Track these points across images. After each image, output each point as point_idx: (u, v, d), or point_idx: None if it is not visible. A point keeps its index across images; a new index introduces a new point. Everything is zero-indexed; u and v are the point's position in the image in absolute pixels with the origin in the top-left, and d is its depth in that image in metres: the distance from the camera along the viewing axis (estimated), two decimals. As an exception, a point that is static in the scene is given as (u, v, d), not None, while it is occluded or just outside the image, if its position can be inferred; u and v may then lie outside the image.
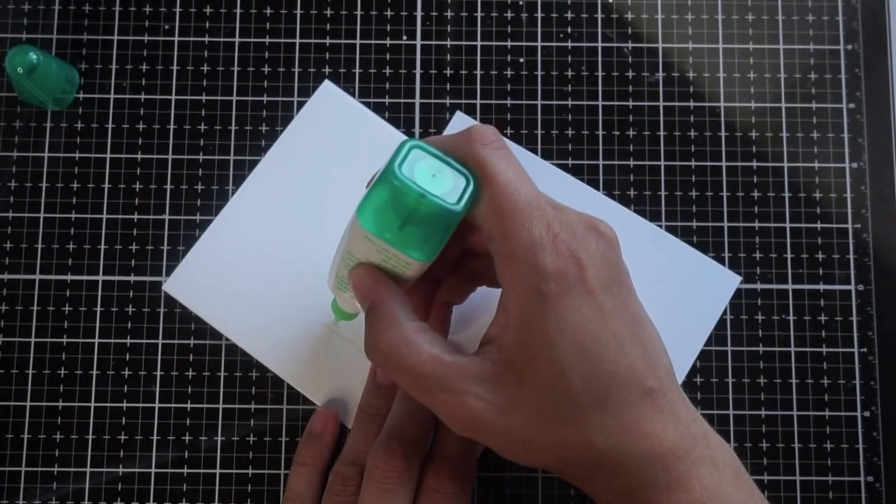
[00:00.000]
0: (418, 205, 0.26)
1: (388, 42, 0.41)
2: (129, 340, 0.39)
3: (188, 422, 0.38)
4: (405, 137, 0.40)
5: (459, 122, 0.40)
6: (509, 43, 0.41)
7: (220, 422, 0.38)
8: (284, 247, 0.39)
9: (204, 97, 0.41)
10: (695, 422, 0.29)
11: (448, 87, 0.41)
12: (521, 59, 0.41)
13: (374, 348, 0.29)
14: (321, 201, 0.39)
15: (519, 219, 0.27)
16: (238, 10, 0.41)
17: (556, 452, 0.28)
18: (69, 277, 0.39)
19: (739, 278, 0.39)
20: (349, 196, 0.39)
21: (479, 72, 0.41)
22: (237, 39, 0.41)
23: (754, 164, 0.41)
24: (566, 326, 0.27)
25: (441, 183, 0.27)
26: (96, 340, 0.39)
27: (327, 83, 0.41)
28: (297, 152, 0.40)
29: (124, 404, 0.38)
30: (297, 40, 0.41)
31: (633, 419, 0.27)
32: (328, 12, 0.41)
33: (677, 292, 0.39)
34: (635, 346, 0.28)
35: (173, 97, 0.41)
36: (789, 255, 0.40)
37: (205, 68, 0.41)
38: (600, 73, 0.41)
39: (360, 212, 0.27)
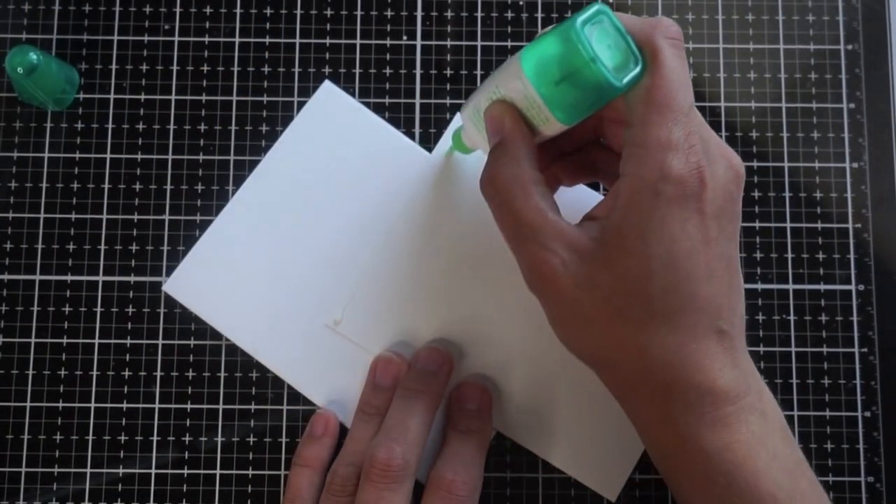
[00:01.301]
0: (584, 68, 0.26)
1: (388, 42, 0.41)
2: (129, 341, 0.39)
3: (188, 422, 0.38)
4: (405, 138, 0.40)
5: (459, 123, 0.40)
6: (509, 43, 0.41)
7: (220, 422, 0.38)
8: (284, 247, 0.39)
9: (204, 97, 0.41)
10: (753, 374, 0.29)
11: (448, 87, 0.41)
12: (522, 59, 0.41)
13: (489, 181, 0.30)
14: (321, 201, 0.39)
15: (666, 115, 0.27)
16: (238, 10, 0.41)
17: (610, 347, 0.29)
18: (69, 278, 0.39)
19: None
20: (349, 196, 0.40)
21: (479, 72, 0.41)
22: (237, 39, 0.41)
23: (754, 163, 0.41)
24: (667, 232, 0.27)
25: (613, 55, 0.27)
26: (96, 341, 0.39)
27: (327, 83, 0.41)
28: (297, 153, 0.40)
29: (124, 405, 0.38)
30: (297, 40, 0.41)
31: (695, 348, 0.27)
32: (328, 12, 0.41)
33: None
34: (722, 283, 0.28)
35: (173, 97, 0.41)
36: (790, 255, 0.40)
37: (205, 68, 0.41)
38: (600, 73, 0.41)
39: (525, 55, 0.28)
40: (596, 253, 0.28)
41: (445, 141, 0.40)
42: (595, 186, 0.39)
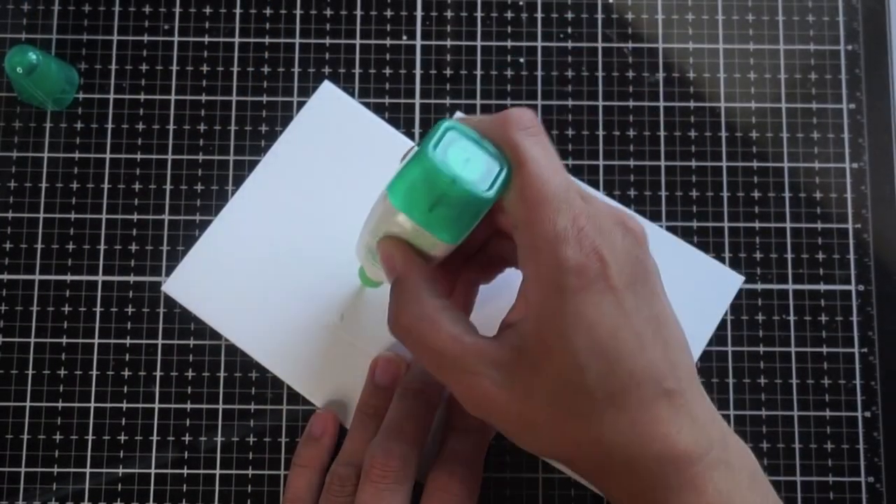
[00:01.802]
0: (449, 189, 0.26)
1: (388, 42, 0.41)
2: (128, 341, 0.39)
3: (188, 422, 0.38)
4: (405, 138, 0.40)
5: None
6: (509, 43, 0.41)
7: (219, 422, 0.38)
8: (284, 247, 0.39)
9: (204, 97, 0.41)
10: (713, 423, 0.28)
11: (448, 87, 0.41)
12: (521, 59, 0.41)
13: (396, 323, 0.29)
14: (321, 202, 0.39)
15: (545, 210, 0.27)
16: (238, 10, 0.41)
17: (566, 444, 0.28)
18: (69, 278, 0.39)
19: (742, 278, 0.39)
20: (349, 196, 0.40)
21: (479, 72, 0.41)
22: (237, 39, 0.41)
23: (754, 164, 0.41)
24: (584, 322, 0.26)
25: (474, 167, 0.27)
26: (96, 341, 0.39)
27: (327, 83, 0.41)
28: (297, 153, 0.40)
29: (124, 405, 0.38)
30: (297, 40, 0.41)
31: (648, 419, 0.27)
32: (328, 12, 0.41)
33: (680, 292, 0.39)
34: (656, 345, 0.27)
35: (173, 97, 0.41)
36: (789, 255, 0.40)
37: (205, 68, 0.41)
38: (600, 74, 0.41)
39: (392, 189, 0.27)
40: (522, 363, 0.27)
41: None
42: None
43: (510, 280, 0.34)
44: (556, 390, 0.27)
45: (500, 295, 0.36)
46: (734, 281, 0.39)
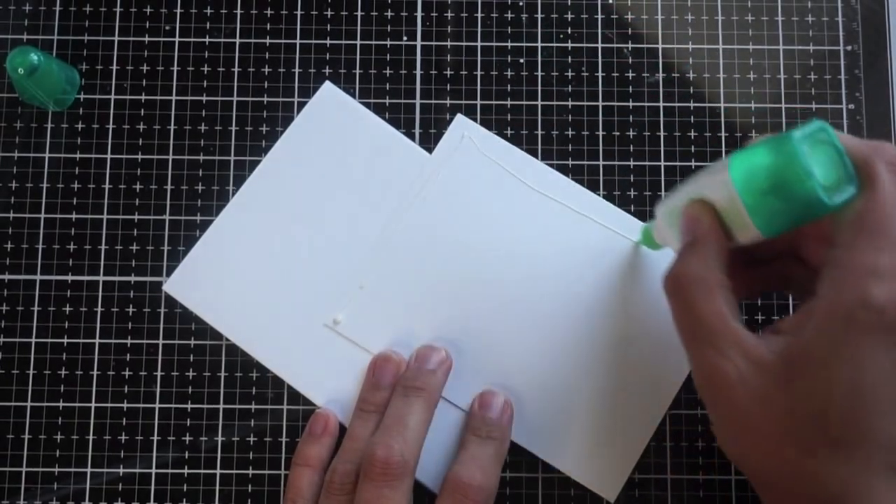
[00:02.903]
0: (797, 182, 0.26)
1: (388, 42, 0.41)
2: (129, 341, 0.39)
3: (188, 422, 0.38)
4: (405, 139, 0.40)
5: (459, 125, 0.40)
6: (509, 43, 0.41)
7: (220, 422, 0.38)
8: (284, 247, 0.39)
9: (204, 97, 0.41)
10: None
11: (448, 87, 0.41)
12: (521, 60, 0.41)
13: (674, 278, 0.29)
14: (321, 202, 0.40)
15: (876, 240, 0.26)
16: (238, 11, 0.41)
17: (775, 464, 0.28)
18: (69, 278, 0.39)
19: None
20: (349, 197, 0.40)
21: (479, 72, 0.41)
22: (237, 40, 0.41)
23: (754, 164, 0.41)
24: (857, 361, 0.26)
25: (826, 173, 0.27)
26: (97, 341, 0.39)
27: (328, 84, 0.41)
28: (297, 153, 0.40)
29: (125, 405, 0.38)
30: (297, 41, 0.41)
31: (865, 482, 0.26)
32: (328, 12, 0.42)
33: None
34: None
35: (173, 98, 0.41)
36: (789, 256, 0.40)
37: (205, 69, 0.41)
38: (600, 74, 0.41)
39: (735, 160, 0.27)
40: (776, 369, 0.27)
41: (450, 143, 0.40)
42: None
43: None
44: (795, 410, 0.26)
45: None
46: None
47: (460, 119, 0.40)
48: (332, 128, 0.40)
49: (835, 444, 0.26)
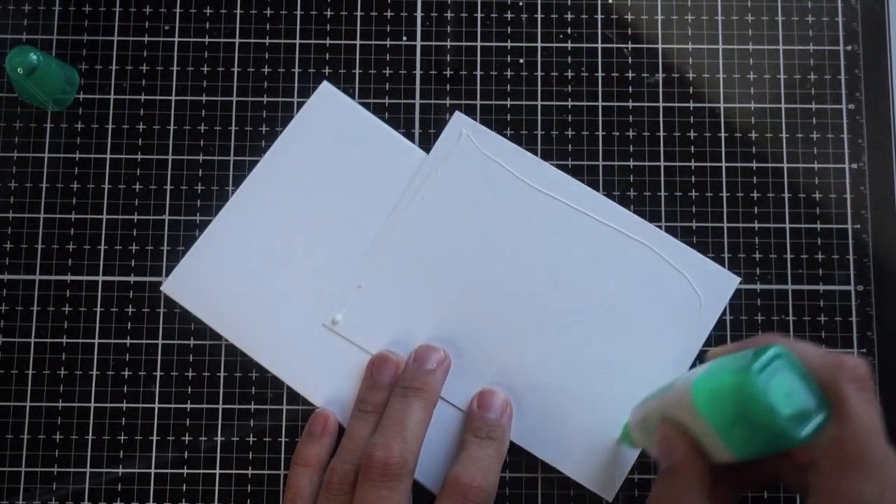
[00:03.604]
0: (761, 417, 0.25)
1: (388, 42, 0.41)
2: (128, 341, 0.39)
3: (188, 422, 0.38)
4: (404, 139, 0.40)
5: (457, 123, 0.40)
6: (509, 43, 0.41)
7: (219, 422, 0.38)
8: (282, 248, 0.39)
9: (204, 97, 0.41)
10: None
11: (448, 87, 0.41)
12: (521, 60, 0.41)
13: None
14: (319, 202, 0.39)
15: (855, 472, 0.26)
16: (238, 11, 0.41)
17: None
18: (69, 278, 0.39)
19: (738, 279, 0.39)
20: (347, 197, 0.40)
21: (479, 72, 0.41)
22: (237, 40, 0.41)
23: (754, 164, 0.41)
24: None
25: (793, 400, 0.26)
26: (96, 341, 0.39)
27: (326, 84, 0.41)
28: (295, 153, 0.40)
29: (124, 405, 0.38)
30: (297, 40, 0.41)
31: None
32: (328, 12, 0.41)
33: (676, 293, 0.39)
34: None
35: (173, 98, 0.41)
36: (789, 256, 0.40)
37: (205, 69, 0.41)
38: (600, 74, 0.41)
39: (698, 388, 0.27)
40: None
41: (448, 141, 0.40)
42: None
43: None
44: None
45: None
46: (730, 282, 0.39)
47: (458, 116, 0.40)
48: (330, 128, 0.40)
49: None
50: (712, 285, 0.39)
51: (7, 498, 0.38)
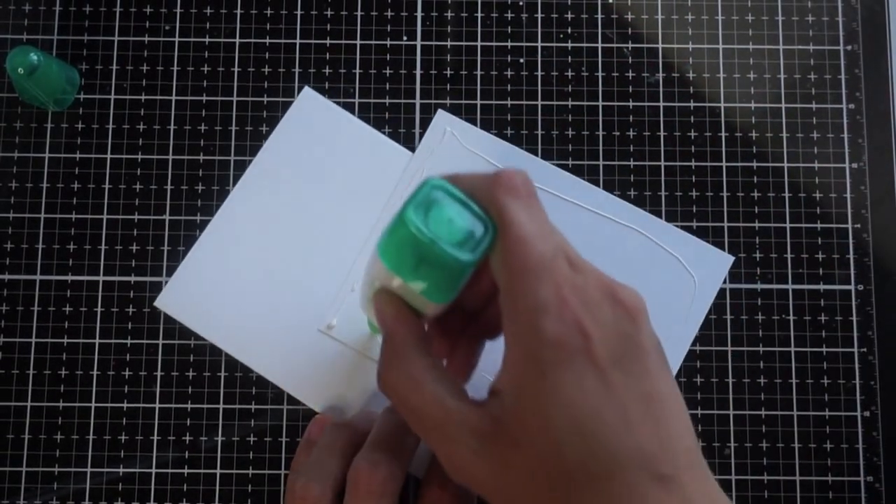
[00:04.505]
0: (428, 252, 0.26)
1: (388, 42, 0.41)
2: (129, 340, 0.39)
3: (188, 422, 0.38)
4: (388, 140, 0.40)
5: (441, 121, 0.40)
6: (509, 43, 0.41)
7: (220, 422, 0.38)
8: (274, 255, 0.39)
9: (204, 97, 0.41)
10: None
11: (448, 87, 0.41)
12: (521, 59, 0.41)
13: (381, 381, 0.29)
14: (308, 208, 0.39)
15: (526, 278, 0.25)
16: (238, 11, 0.41)
17: None
18: (69, 278, 0.39)
19: (732, 258, 0.39)
20: (335, 201, 0.40)
21: (479, 72, 0.41)
22: (237, 40, 0.41)
23: (754, 164, 0.41)
24: (562, 399, 0.25)
25: (457, 228, 0.26)
26: (97, 341, 0.39)
27: (307, 90, 0.41)
28: (280, 161, 0.40)
29: (125, 404, 0.38)
30: (298, 40, 0.41)
31: (648, 500, 0.25)
32: (328, 12, 0.41)
33: (671, 275, 0.39)
34: (645, 426, 0.25)
35: (173, 97, 0.41)
36: (789, 255, 0.40)
37: (205, 69, 0.41)
38: (600, 74, 0.41)
39: (380, 246, 0.27)
40: (501, 435, 0.26)
41: (433, 139, 0.40)
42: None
43: None
44: (533, 468, 0.25)
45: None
46: (724, 261, 0.39)
47: (441, 114, 0.40)
48: (314, 133, 0.40)
49: (584, 483, 0.25)
50: (706, 265, 0.39)
51: (8, 498, 0.38)
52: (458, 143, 0.40)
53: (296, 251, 0.39)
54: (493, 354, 0.37)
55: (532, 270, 0.25)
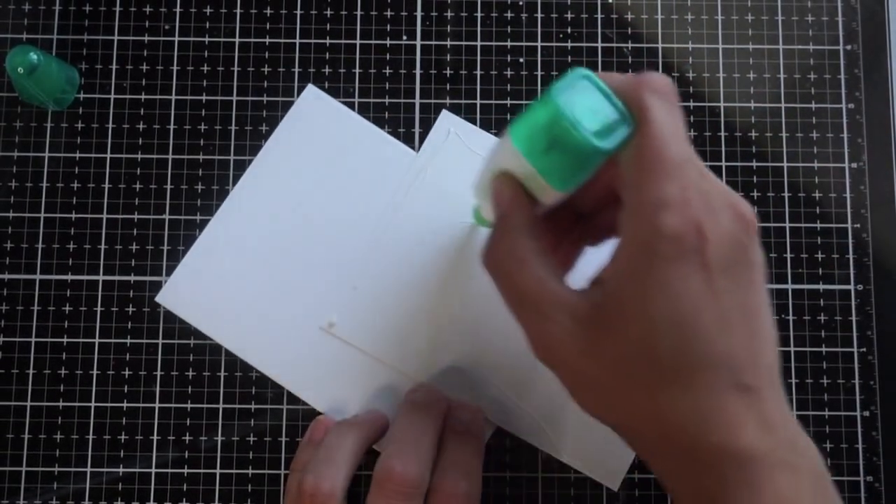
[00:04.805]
0: (567, 134, 0.26)
1: (387, 42, 0.41)
2: (129, 340, 0.39)
3: (188, 422, 0.38)
4: (390, 137, 0.40)
5: (445, 121, 0.40)
6: (509, 43, 0.41)
7: (220, 422, 0.38)
8: (275, 253, 0.39)
9: (204, 97, 0.41)
10: (785, 425, 0.27)
11: (448, 87, 0.41)
12: (521, 59, 0.41)
13: (487, 256, 0.30)
14: (310, 206, 0.39)
15: (657, 173, 0.26)
16: (238, 10, 0.41)
17: (624, 412, 0.28)
18: (69, 277, 0.39)
19: None
20: (337, 198, 0.40)
21: (479, 72, 0.41)
22: (237, 39, 0.41)
23: (754, 164, 0.41)
24: (668, 291, 0.25)
25: (598, 119, 0.27)
26: (96, 340, 0.39)
27: (311, 87, 0.41)
28: (283, 159, 0.40)
29: (124, 404, 0.38)
30: (297, 40, 0.41)
31: (713, 407, 0.26)
32: (328, 12, 0.41)
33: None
34: (741, 334, 0.26)
35: (173, 97, 0.41)
36: (789, 255, 0.40)
37: (205, 68, 0.41)
38: (600, 74, 0.41)
39: (513, 127, 0.28)
40: (597, 319, 0.27)
41: (437, 140, 0.40)
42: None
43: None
44: (624, 354, 0.26)
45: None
46: None
47: (445, 115, 0.40)
48: (317, 130, 0.40)
49: (671, 377, 0.26)
50: None
51: (8, 497, 0.38)
52: (461, 144, 0.40)
53: (297, 248, 0.39)
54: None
55: (664, 167, 0.26)
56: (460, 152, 0.40)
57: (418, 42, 0.41)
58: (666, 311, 0.26)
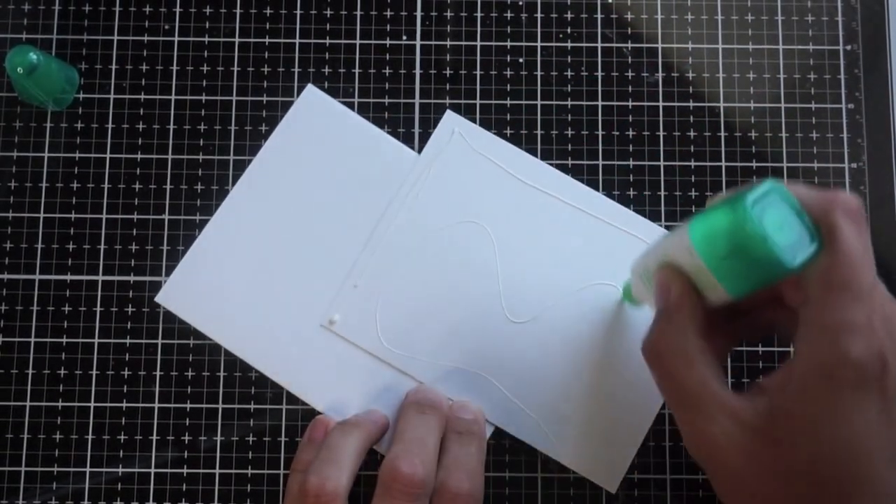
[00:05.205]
0: (755, 246, 0.26)
1: (387, 42, 0.41)
2: (128, 340, 0.39)
3: (188, 422, 0.38)
4: (389, 137, 0.40)
5: (449, 121, 0.40)
6: (509, 43, 0.41)
7: (219, 422, 0.38)
8: (276, 252, 0.39)
9: (204, 97, 0.41)
10: None
11: (447, 87, 0.41)
12: (521, 59, 0.41)
13: (652, 348, 0.30)
14: (311, 205, 0.39)
15: (844, 297, 0.26)
16: (238, 10, 0.41)
17: None
18: (69, 277, 0.39)
19: None
20: (337, 197, 0.40)
21: (478, 72, 0.41)
22: (237, 39, 0.41)
23: (754, 164, 0.41)
24: (842, 417, 0.26)
25: (785, 234, 0.26)
26: (96, 340, 0.39)
27: (311, 87, 0.41)
28: (283, 158, 0.40)
29: (124, 404, 0.38)
30: (297, 40, 0.41)
31: None
32: (328, 12, 0.41)
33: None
34: None
35: (173, 97, 0.41)
36: (789, 256, 0.40)
37: (205, 68, 0.41)
38: (600, 73, 0.41)
39: (693, 226, 0.27)
40: (762, 429, 0.27)
41: (440, 139, 0.40)
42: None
43: None
44: (788, 470, 0.27)
45: None
46: None
47: (450, 115, 0.40)
48: (318, 130, 0.40)
49: (829, 500, 0.26)
50: None
51: (7, 497, 0.38)
52: (465, 144, 0.40)
53: (298, 247, 0.39)
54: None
55: (852, 292, 0.26)
56: (464, 152, 0.40)
57: (418, 42, 0.41)
58: (839, 437, 0.26)
